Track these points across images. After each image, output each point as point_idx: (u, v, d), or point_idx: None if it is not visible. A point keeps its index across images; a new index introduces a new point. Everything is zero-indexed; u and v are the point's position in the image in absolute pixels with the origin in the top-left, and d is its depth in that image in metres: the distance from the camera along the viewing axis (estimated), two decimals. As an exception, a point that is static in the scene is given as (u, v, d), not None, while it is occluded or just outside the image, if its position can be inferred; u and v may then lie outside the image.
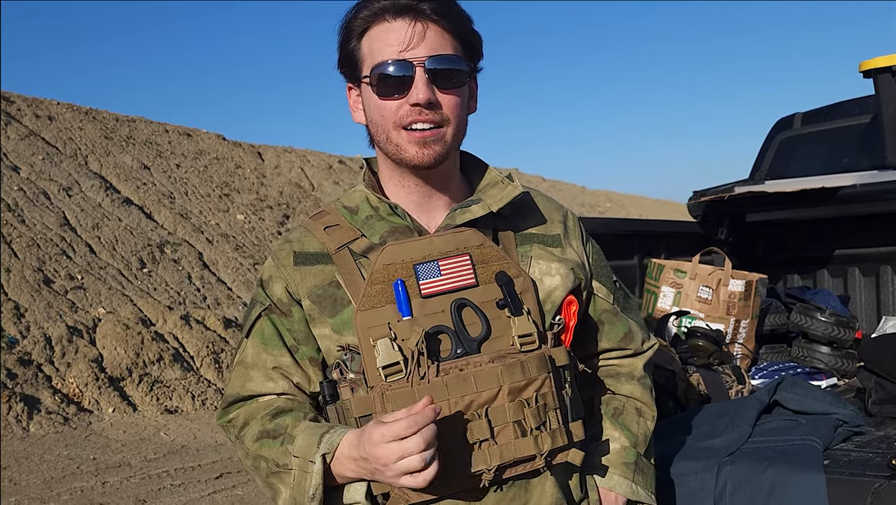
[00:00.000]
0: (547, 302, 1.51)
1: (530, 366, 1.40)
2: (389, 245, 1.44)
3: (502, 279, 1.45)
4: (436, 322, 1.41)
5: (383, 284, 1.41)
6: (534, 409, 1.39)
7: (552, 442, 1.41)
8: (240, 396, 1.54)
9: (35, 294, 7.92)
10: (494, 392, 1.37)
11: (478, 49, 1.54)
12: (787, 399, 2.24)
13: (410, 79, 1.43)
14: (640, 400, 1.68)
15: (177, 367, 7.85)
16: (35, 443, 6.25)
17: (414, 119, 1.44)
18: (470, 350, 1.40)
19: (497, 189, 1.56)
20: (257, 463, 1.48)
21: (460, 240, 1.46)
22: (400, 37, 1.43)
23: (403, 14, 1.44)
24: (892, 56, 3.15)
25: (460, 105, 1.49)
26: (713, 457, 1.96)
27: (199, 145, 13.43)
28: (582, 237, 1.68)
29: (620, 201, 26.31)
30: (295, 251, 1.51)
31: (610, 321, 1.67)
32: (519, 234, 1.57)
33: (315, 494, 1.38)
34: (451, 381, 1.36)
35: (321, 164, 15.13)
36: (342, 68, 1.55)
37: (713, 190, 4.00)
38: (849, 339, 3.31)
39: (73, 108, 12.18)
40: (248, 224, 11.70)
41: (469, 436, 1.36)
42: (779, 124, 4.51)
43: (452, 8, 1.48)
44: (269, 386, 1.51)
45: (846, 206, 3.64)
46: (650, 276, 3.36)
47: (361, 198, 1.55)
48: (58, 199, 9.76)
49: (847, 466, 1.91)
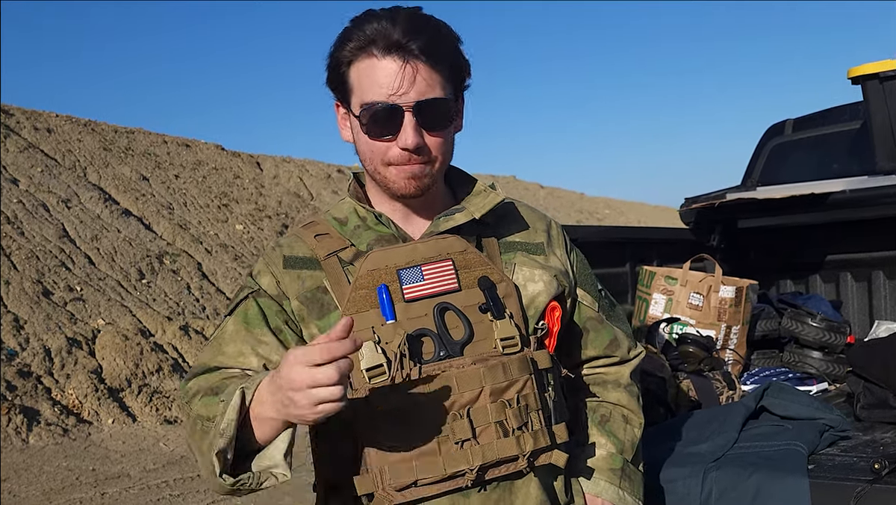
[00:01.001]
0: (530, 307, 1.54)
1: (512, 367, 1.43)
2: (374, 251, 1.47)
3: (485, 283, 1.48)
4: (419, 326, 1.44)
5: (368, 289, 1.44)
6: (515, 409, 1.41)
7: (534, 443, 1.43)
8: (206, 366, 1.49)
9: (34, 306, 7.94)
10: (476, 393, 1.40)
11: (464, 72, 1.56)
12: (773, 405, 2.26)
13: (399, 123, 1.45)
14: (626, 407, 1.71)
15: (176, 377, 7.86)
16: (34, 454, 6.27)
17: (403, 162, 1.47)
18: (453, 353, 1.43)
19: (480, 197, 1.59)
20: (194, 427, 1.41)
21: (443, 246, 1.49)
22: (389, 79, 1.44)
23: (392, 53, 1.44)
24: (879, 63, 3.19)
25: (447, 142, 1.52)
26: (699, 463, 1.98)
27: (198, 156, 13.47)
28: (566, 246, 1.71)
29: (619, 208, 26.33)
30: (285, 255, 1.54)
31: (595, 329, 1.69)
32: (502, 242, 1.60)
33: (226, 429, 1.32)
34: (433, 382, 1.39)
35: (320, 173, 15.17)
36: (330, 86, 1.57)
37: (705, 197, 4.02)
38: (840, 344, 3.33)
39: (71, 120, 12.22)
40: (247, 234, 11.73)
41: (451, 436, 1.38)
42: (770, 131, 4.53)
43: (441, 42, 1.49)
44: (240, 360, 1.47)
45: (837, 212, 3.66)
46: (642, 283, 3.38)
47: (349, 209, 1.59)
48: (57, 210, 9.79)
49: (831, 470, 1.92)
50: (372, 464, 1.40)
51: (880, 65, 3.15)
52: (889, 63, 3.06)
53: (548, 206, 21.38)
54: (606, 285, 1.82)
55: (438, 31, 1.50)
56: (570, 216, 21.51)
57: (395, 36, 1.44)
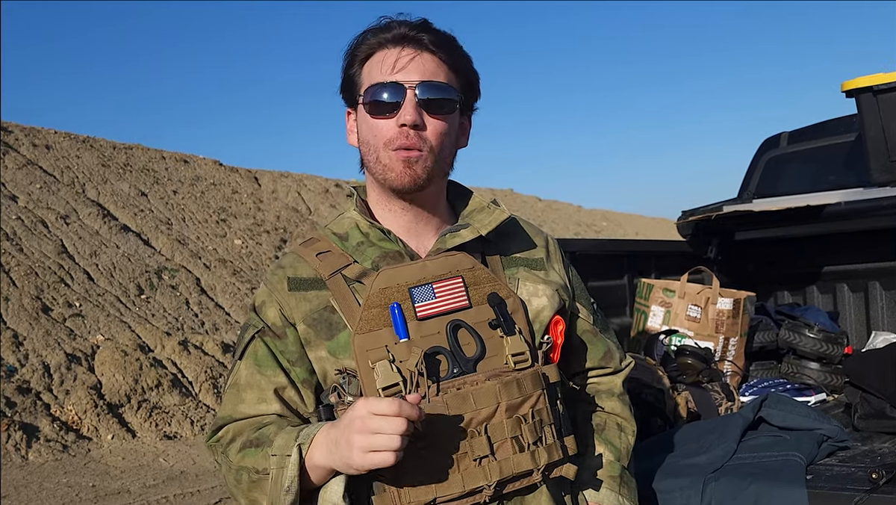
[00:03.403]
0: (536, 322, 1.56)
1: (526, 383, 1.44)
2: (384, 269, 1.48)
3: (494, 300, 1.49)
4: (432, 343, 1.45)
5: (380, 307, 1.45)
6: (530, 424, 1.43)
7: (548, 456, 1.45)
8: (231, 417, 1.53)
9: (33, 322, 7.94)
10: (493, 409, 1.41)
11: (474, 86, 1.61)
12: (771, 415, 2.28)
13: (401, 101, 1.49)
14: (620, 416, 1.74)
15: (175, 392, 7.85)
16: (34, 471, 6.25)
17: (402, 142, 1.49)
18: (466, 369, 1.44)
19: (484, 214, 1.62)
20: (239, 476, 1.45)
21: (452, 263, 1.51)
22: (395, 60, 1.51)
23: (403, 42, 1.51)
24: (873, 76, 3.21)
25: (447, 133, 1.54)
26: (698, 474, 1.99)
27: (196, 171, 13.49)
28: (563, 261, 1.74)
29: (616, 220, 26.35)
30: (289, 277, 1.55)
31: (591, 341, 1.72)
32: (505, 258, 1.62)
33: (290, 486, 1.37)
34: (450, 399, 1.40)
35: (318, 188, 15.19)
36: (343, 93, 1.62)
37: (702, 209, 4.04)
38: (837, 355, 3.35)
39: (70, 137, 12.25)
40: (246, 249, 11.74)
41: (469, 453, 1.40)
42: (766, 144, 4.57)
43: (451, 43, 1.56)
44: (262, 408, 1.51)
45: (833, 224, 3.69)
46: (640, 295, 3.40)
47: (351, 224, 1.60)
48: (55, 227, 9.80)
49: (829, 480, 1.94)
50: (390, 483, 1.41)
51: (874, 78, 3.17)
52: (883, 76, 3.09)
53: (546, 219, 21.40)
54: (605, 297, 1.86)
55: (452, 38, 1.57)
56: (568, 229, 21.54)
57: (406, 30, 1.52)
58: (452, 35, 1.57)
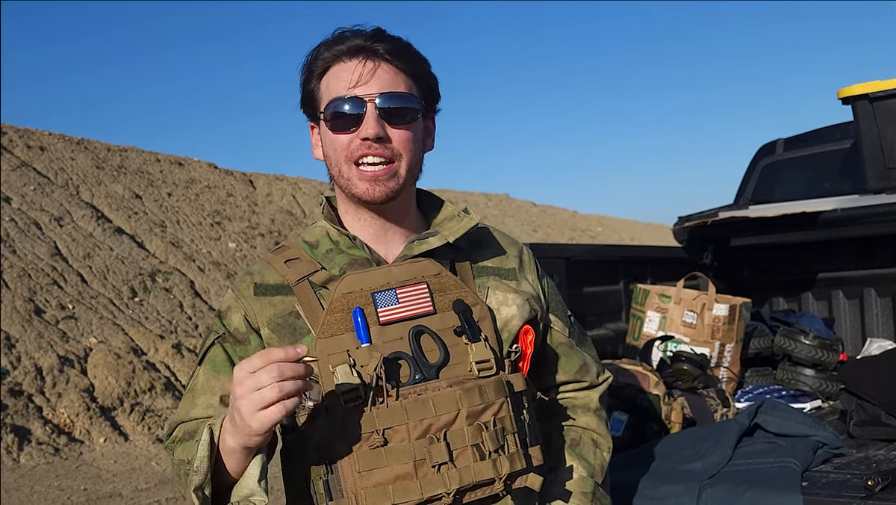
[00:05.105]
0: (504, 331, 1.55)
1: (488, 390, 1.42)
2: (348, 275, 1.48)
3: (459, 307, 1.48)
4: (394, 349, 1.44)
5: (342, 312, 1.44)
6: (492, 432, 1.40)
7: (511, 465, 1.42)
8: (183, 420, 1.54)
9: (26, 324, 7.91)
10: (453, 416, 1.39)
11: (434, 90, 1.61)
12: (767, 422, 2.28)
13: (361, 114, 1.49)
14: (596, 431, 1.71)
15: (168, 396, 7.83)
16: (26, 474, 6.22)
17: (364, 153, 1.50)
18: (428, 376, 1.43)
19: (454, 222, 1.62)
20: (178, 470, 1.46)
21: (418, 269, 1.50)
22: (353, 74, 1.50)
23: (358, 54, 1.51)
24: (869, 84, 3.22)
25: (412, 140, 1.54)
26: (694, 480, 1.99)
27: (191, 174, 13.47)
28: (537, 272, 1.73)
29: (612, 225, 26.39)
30: (255, 283, 1.56)
31: (566, 354, 1.71)
32: (475, 267, 1.62)
33: (199, 466, 1.35)
34: (409, 404, 1.38)
35: (312, 191, 15.19)
36: (304, 108, 1.63)
37: (698, 215, 4.05)
38: (833, 361, 3.35)
39: (64, 139, 12.22)
40: (240, 252, 11.72)
41: (428, 459, 1.37)
42: (762, 150, 4.57)
43: (407, 50, 1.56)
44: (211, 412, 1.51)
45: (829, 230, 3.69)
46: (636, 301, 3.40)
47: (322, 232, 1.61)
48: (49, 229, 9.77)
49: (824, 487, 1.94)
50: (347, 489, 1.39)
51: (870, 85, 3.18)
52: (878, 84, 3.10)
53: (541, 224, 21.43)
54: (600, 303, 1.84)
55: (407, 44, 1.57)
56: (563, 234, 21.56)
57: (361, 42, 1.52)
58: (408, 41, 1.57)
